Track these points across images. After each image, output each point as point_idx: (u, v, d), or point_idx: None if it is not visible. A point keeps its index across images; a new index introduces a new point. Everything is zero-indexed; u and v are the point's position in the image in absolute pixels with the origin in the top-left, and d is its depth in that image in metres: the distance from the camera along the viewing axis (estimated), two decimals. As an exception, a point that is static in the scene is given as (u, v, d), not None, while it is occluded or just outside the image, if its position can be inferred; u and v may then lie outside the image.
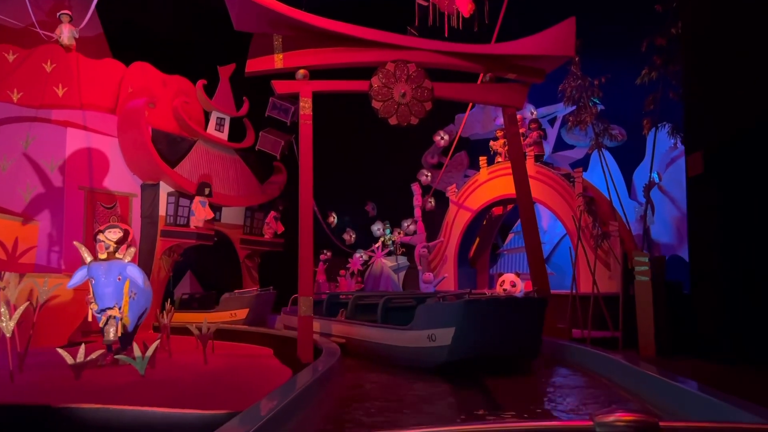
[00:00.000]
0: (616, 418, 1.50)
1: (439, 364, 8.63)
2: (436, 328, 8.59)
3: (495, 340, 8.57)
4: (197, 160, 16.29)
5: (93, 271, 9.00)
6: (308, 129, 10.43)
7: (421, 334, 8.85)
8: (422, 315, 9.06)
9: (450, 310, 8.54)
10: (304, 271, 10.27)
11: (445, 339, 8.41)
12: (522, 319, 8.83)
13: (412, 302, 10.71)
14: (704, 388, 6.34)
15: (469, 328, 8.32)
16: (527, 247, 11.59)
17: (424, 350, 8.77)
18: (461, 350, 8.43)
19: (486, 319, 8.46)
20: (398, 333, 9.47)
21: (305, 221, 10.35)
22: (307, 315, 10.15)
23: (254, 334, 13.33)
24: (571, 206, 14.87)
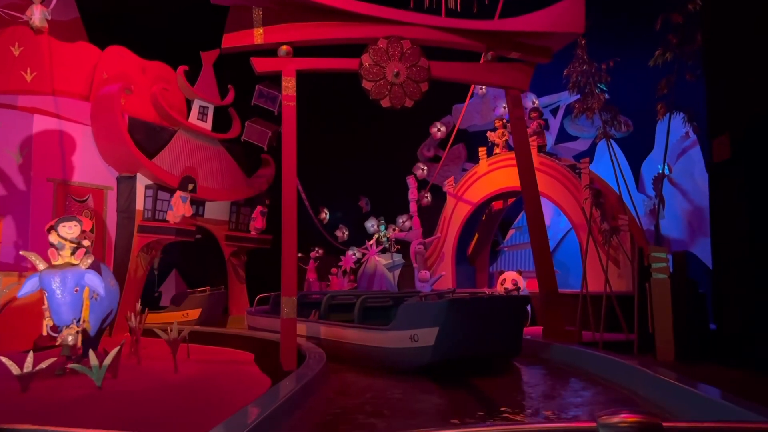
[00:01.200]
0: (620, 419, 1.49)
1: (422, 365, 8.45)
2: (418, 328, 8.42)
3: (478, 340, 8.49)
4: (178, 150, 15.27)
5: (45, 282, 7.80)
6: (291, 111, 9.44)
7: (402, 335, 8.64)
8: (404, 315, 8.82)
9: (433, 310, 8.39)
10: (288, 269, 9.28)
11: (428, 339, 8.26)
12: (504, 318, 8.79)
13: (389, 302, 10.60)
14: (734, 398, 5.67)
15: (453, 328, 8.20)
16: (533, 242, 10.63)
17: (406, 351, 8.58)
18: (445, 351, 8.29)
19: (470, 318, 8.36)
20: (378, 334, 9.16)
21: (288, 215, 9.36)
22: (290, 317, 9.16)
23: (235, 337, 12.36)
24: (578, 199, 13.91)
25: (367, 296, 10.74)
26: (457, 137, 19.84)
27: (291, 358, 9.04)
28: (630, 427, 1.48)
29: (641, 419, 1.48)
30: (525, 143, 10.68)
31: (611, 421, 1.49)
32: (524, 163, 10.58)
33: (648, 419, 1.48)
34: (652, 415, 1.50)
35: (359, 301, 10.34)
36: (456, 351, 8.42)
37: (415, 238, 16.30)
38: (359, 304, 10.27)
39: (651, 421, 1.48)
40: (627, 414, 1.50)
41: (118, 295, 9.35)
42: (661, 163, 15.34)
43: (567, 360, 9.43)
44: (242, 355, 10.71)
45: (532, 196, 10.53)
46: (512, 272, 14.58)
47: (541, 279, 10.41)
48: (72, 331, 7.81)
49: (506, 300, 9.23)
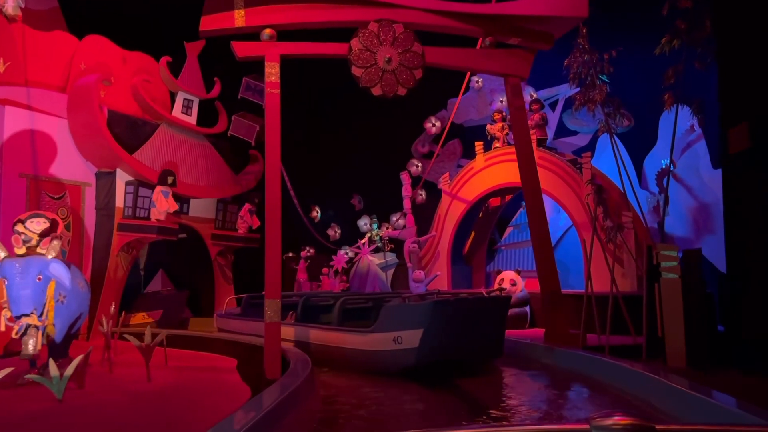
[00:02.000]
0: (613, 421, 1.49)
1: (406, 368, 8.31)
2: (402, 330, 8.27)
3: (463, 342, 8.41)
4: (160, 145, 14.57)
5: (6, 270, 7.24)
6: (275, 100, 8.78)
7: (385, 337, 8.48)
8: (387, 317, 8.64)
9: (418, 311, 8.28)
10: (271, 269, 8.62)
11: (413, 341, 8.14)
12: (489, 319, 8.70)
13: (369, 304, 10.52)
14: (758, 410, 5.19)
15: (438, 330, 8.08)
16: (534, 240, 9.99)
17: (390, 353, 8.43)
18: (429, 352, 8.16)
19: (454, 319, 8.26)
20: (360, 336, 8.94)
21: (272, 211, 8.70)
22: (274, 322, 8.49)
23: (220, 341, 11.68)
24: (579, 195, 13.31)
25: (346, 298, 10.51)
26: (453, 133, 19.25)
27: (275, 365, 8.38)
28: (623, 430, 1.46)
29: (634, 422, 1.46)
30: (525, 134, 10.04)
31: (604, 424, 1.48)
32: (525, 156, 9.94)
33: (641, 421, 1.47)
34: (645, 418, 1.48)
35: (339, 303, 10.06)
36: (440, 353, 8.28)
37: (409, 237, 15.65)
38: (339, 306, 9.99)
39: (644, 424, 1.46)
40: (620, 416, 1.48)
41: (88, 297, 8.65)
42: (665, 158, 14.76)
43: (571, 366, 8.79)
44: (224, 362, 10.05)
45: (533, 191, 9.90)
46: (510, 272, 13.99)
47: (543, 279, 9.77)
48: (32, 320, 7.14)
49: (490, 300, 9.00)
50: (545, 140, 14.90)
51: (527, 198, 10.05)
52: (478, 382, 8.24)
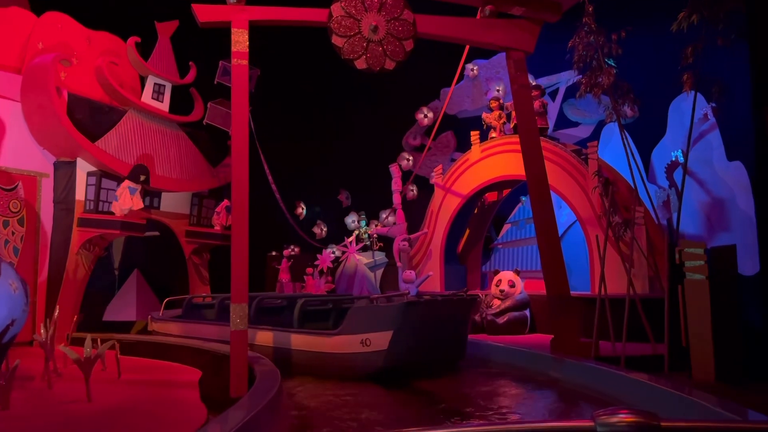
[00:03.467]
0: (618, 418, 1.47)
1: (374, 371, 8.17)
2: (370, 332, 8.14)
3: (431, 344, 8.38)
4: (128, 133, 13.33)
5: None
6: (243, 72, 7.59)
7: (352, 339, 8.32)
8: (354, 318, 8.47)
9: (387, 313, 8.21)
10: (238, 269, 7.44)
11: (381, 343, 8.06)
12: (455, 321, 8.79)
13: (329, 305, 10.51)
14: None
15: (408, 332, 8.03)
16: (540, 236, 8.86)
17: (357, 356, 8.28)
18: (398, 355, 8.08)
19: (424, 321, 8.24)
20: (325, 338, 8.69)
21: (239, 203, 7.52)
22: (241, 329, 7.29)
23: (187, 349, 10.45)
24: (584, 189, 12.19)
25: (306, 299, 10.29)
26: (446, 124, 18.17)
27: (241, 381, 7.21)
28: (628, 426, 1.44)
29: (639, 418, 1.44)
30: (530, 117, 8.90)
31: (609, 420, 1.45)
32: (530, 141, 8.79)
33: (646, 418, 1.44)
34: (650, 414, 1.45)
35: (299, 305, 9.68)
36: (409, 355, 8.21)
37: (399, 234, 14.48)
38: (299, 308, 9.62)
39: (649, 420, 1.44)
40: (625, 413, 1.46)
41: (22, 302, 7.39)
42: (676, 149, 13.68)
43: (583, 380, 7.65)
44: (187, 374, 8.85)
45: (539, 181, 8.75)
46: (509, 272, 12.87)
47: (549, 281, 8.63)
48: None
49: (457, 302, 8.99)
50: (546, 129, 13.78)
51: (532, 189, 8.90)
52: (477, 398, 7.10)
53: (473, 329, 12.22)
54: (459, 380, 8.54)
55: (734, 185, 13.14)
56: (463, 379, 8.58)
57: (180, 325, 11.56)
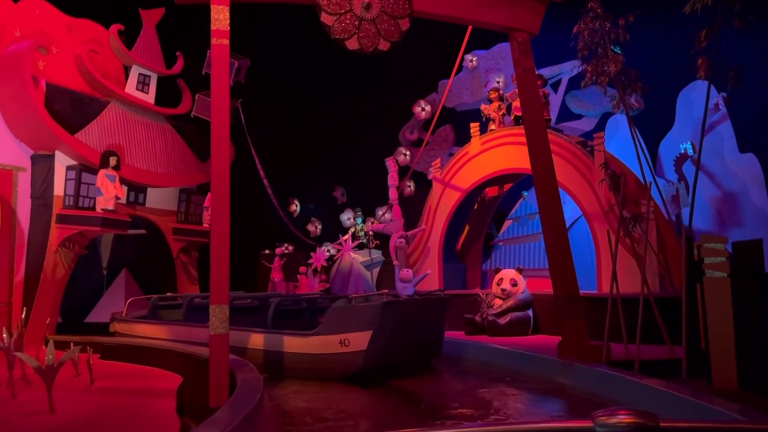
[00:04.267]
0: (617, 418, 1.47)
1: (353, 371, 8.09)
2: (349, 332, 8.08)
3: (410, 343, 8.41)
4: (110, 125, 12.70)
5: None
6: (223, 53, 6.95)
7: (331, 339, 8.25)
8: (332, 318, 8.40)
9: (366, 313, 8.16)
10: (218, 268, 6.81)
11: (360, 344, 8.01)
12: (433, 320, 8.82)
13: (303, 305, 10.37)
14: None
15: (387, 331, 8.00)
16: (547, 232, 8.26)
17: (335, 357, 8.18)
18: (377, 355, 8.02)
19: (403, 321, 8.24)
20: (302, 339, 8.54)
21: (220, 196, 6.89)
22: (221, 334, 6.66)
23: (171, 353, 9.81)
24: (590, 182, 11.58)
25: (281, 299, 10.12)
26: (444, 118, 17.59)
27: (221, 389, 6.57)
28: (627, 426, 1.43)
29: (638, 418, 1.43)
30: (535, 103, 8.27)
31: (608, 420, 1.45)
32: (535, 129, 8.17)
33: (645, 418, 1.43)
34: (649, 415, 1.45)
35: (273, 305, 9.50)
36: (389, 355, 8.18)
37: (396, 231, 13.87)
38: (273, 309, 9.44)
39: (648, 420, 1.43)
40: (624, 413, 1.46)
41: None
42: (685, 142, 13.11)
43: (594, 386, 7.02)
44: (166, 380, 8.21)
45: (546, 172, 8.14)
46: (510, 270, 12.27)
47: (557, 279, 8.01)
48: None
49: (435, 301, 9.06)
50: (549, 121, 13.16)
51: (538, 181, 8.29)
52: (480, 407, 6.49)
53: (474, 330, 11.68)
54: (459, 384, 8.05)
55: (747, 178, 12.57)
56: (464, 384, 8.01)
57: (144, 326, 11.06)
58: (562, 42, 13.11)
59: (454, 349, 10.02)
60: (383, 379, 8.05)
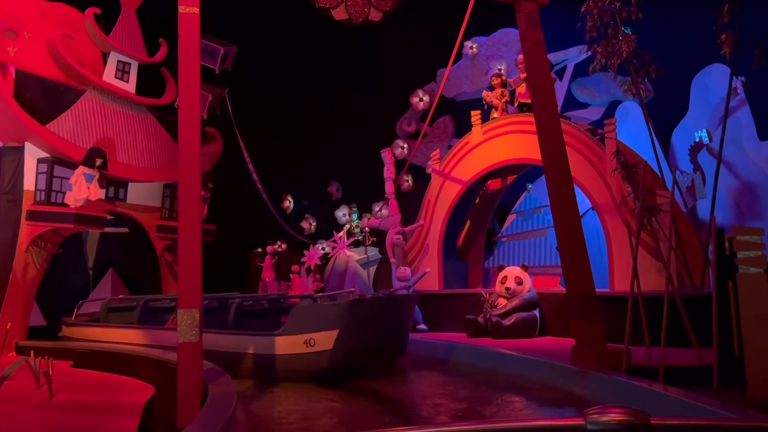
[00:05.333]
0: (608, 415, 1.48)
1: (318, 371, 7.99)
2: (315, 331, 7.99)
3: (376, 342, 8.32)
4: (86, 115, 11.88)
5: None
6: (193, 23, 6.14)
7: (296, 340, 8.13)
8: (297, 318, 8.28)
9: (332, 312, 8.19)
10: (188, 266, 6.00)
11: (326, 343, 7.95)
12: (399, 318, 8.77)
13: (264, 305, 10.32)
14: None
15: (354, 331, 7.91)
16: (559, 225, 7.46)
17: (301, 357, 8.07)
18: (344, 355, 7.95)
19: (370, 320, 8.16)
20: (265, 339, 8.36)
21: (189, 187, 6.07)
22: (192, 342, 5.84)
23: (148, 360, 9.01)
24: (601, 172, 10.78)
25: (242, 299, 9.99)
26: (443, 108, 16.78)
27: (191, 406, 5.75)
28: (618, 424, 1.45)
29: (629, 415, 1.45)
30: (544, 80, 7.45)
31: (600, 419, 1.46)
32: (544, 110, 7.35)
33: (636, 415, 1.45)
34: (640, 412, 1.47)
35: (235, 306, 9.27)
36: (355, 355, 8.10)
37: (392, 227, 13.08)
38: (234, 309, 9.21)
39: (639, 418, 1.45)
40: (615, 411, 1.47)
41: None
42: (700, 129, 12.31)
43: (615, 398, 6.19)
44: (136, 391, 7.44)
45: (557, 159, 7.33)
46: (515, 268, 11.50)
47: (570, 277, 7.20)
48: None
49: (402, 299, 9.09)
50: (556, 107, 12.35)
51: (549, 167, 7.47)
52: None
53: (476, 332, 10.94)
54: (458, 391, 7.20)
55: (767, 167, 11.78)
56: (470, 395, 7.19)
57: (96, 329, 10.60)
58: (567, 26, 12.33)
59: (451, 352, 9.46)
60: (350, 378, 7.91)
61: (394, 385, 7.90)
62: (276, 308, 10.35)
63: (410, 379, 8.42)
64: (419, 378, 8.44)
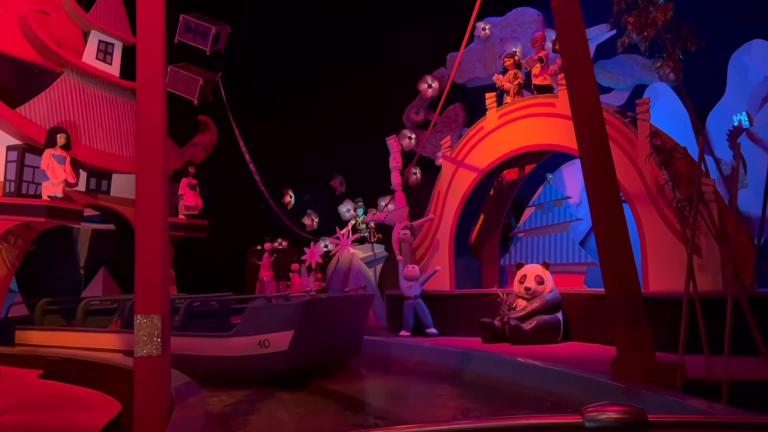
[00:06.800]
0: (605, 412, 1.51)
1: (273, 373, 7.92)
2: (269, 332, 7.93)
3: (331, 342, 8.44)
4: (62, 98, 10.88)
5: None
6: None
7: (249, 341, 8.06)
8: (251, 319, 8.22)
9: (287, 312, 8.09)
10: (146, 264, 4.92)
11: (281, 344, 7.90)
12: (354, 318, 8.82)
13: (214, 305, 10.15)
14: None
15: (309, 331, 7.91)
16: (597, 218, 6.36)
17: (255, 358, 7.99)
18: (299, 355, 7.93)
19: (325, 320, 8.25)
20: (217, 341, 8.28)
21: (149, 162, 4.99)
22: (150, 355, 4.76)
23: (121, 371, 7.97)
24: (633, 158, 9.64)
25: (191, 300, 9.70)
26: (454, 96, 15.74)
27: (156, 423, 4.67)
28: (616, 420, 1.49)
29: (627, 412, 1.49)
30: (580, 46, 6.34)
31: (597, 414, 1.51)
32: (580, 81, 6.25)
33: (634, 411, 1.49)
34: (638, 409, 1.51)
35: (184, 306, 9.02)
36: (311, 355, 8.15)
37: (399, 221, 12.00)
38: (184, 309, 8.97)
39: (636, 414, 1.49)
40: (612, 407, 1.51)
41: None
42: (739, 112, 11.13)
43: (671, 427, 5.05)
44: (100, 409, 6.40)
45: (594, 131, 6.20)
46: (535, 265, 10.42)
47: (611, 275, 6.07)
48: None
49: (357, 299, 9.02)
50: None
51: (584, 146, 6.34)
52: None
53: (492, 337, 9.89)
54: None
55: (816, 154, 10.63)
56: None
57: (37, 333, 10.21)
58: (588, 3, 11.27)
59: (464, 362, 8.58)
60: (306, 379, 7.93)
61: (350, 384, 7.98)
62: (227, 309, 10.10)
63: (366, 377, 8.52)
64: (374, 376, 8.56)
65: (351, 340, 8.91)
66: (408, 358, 9.57)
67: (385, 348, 10.16)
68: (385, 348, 10.15)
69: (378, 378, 8.80)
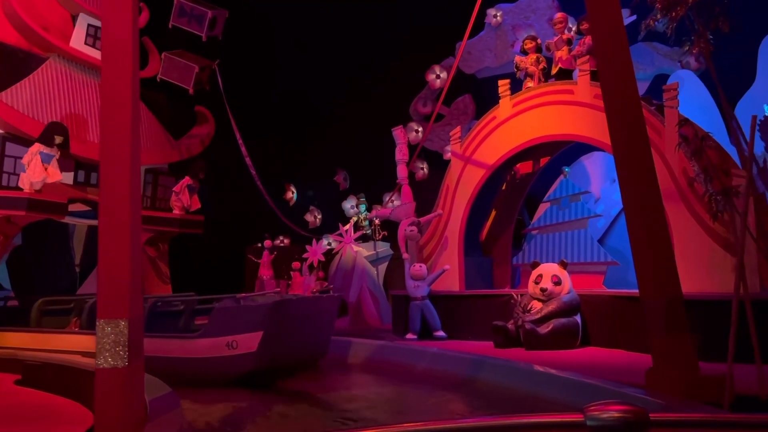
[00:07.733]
0: (607, 410, 1.50)
1: (241, 375, 7.78)
2: (237, 333, 7.82)
3: (301, 343, 8.46)
4: (47, 85, 10.30)
5: None
6: None
7: (217, 342, 7.91)
8: (218, 320, 8.09)
9: (256, 313, 7.96)
10: (111, 263, 4.24)
11: (250, 345, 7.81)
12: (323, 319, 8.83)
13: (179, 306, 10.14)
14: None
15: (278, 332, 7.87)
16: (630, 212, 5.66)
17: (223, 360, 7.86)
18: (268, 357, 7.83)
19: (295, 320, 8.24)
20: (184, 342, 8.19)
21: (116, 144, 4.33)
22: (114, 366, 4.08)
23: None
24: (660, 149, 8.92)
25: (155, 300, 9.78)
26: (463, 86, 15.13)
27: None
28: (617, 419, 1.48)
29: (628, 411, 1.48)
30: (616, 26, 5.65)
31: (598, 413, 1.50)
32: (613, 63, 5.54)
33: (635, 410, 1.49)
34: (640, 408, 1.50)
35: (147, 307, 8.86)
36: (280, 357, 8.10)
37: (405, 217, 11.34)
38: (147, 310, 8.75)
39: (638, 413, 1.48)
40: (614, 406, 1.50)
41: None
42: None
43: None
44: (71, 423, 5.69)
45: (632, 132, 5.50)
46: (552, 265, 9.76)
47: (647, 275, 5.34)
48: None
49: (326, 300, 9.08)
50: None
51: (618, 145, 5.62)
52: None
53: (505, 341, 9.26)
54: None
55: None
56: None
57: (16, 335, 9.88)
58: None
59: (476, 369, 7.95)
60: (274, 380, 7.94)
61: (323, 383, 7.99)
62: (191, 309, 9.90)
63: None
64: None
65: (319, 342, 8.91)
66: (414, 364, 8.92)
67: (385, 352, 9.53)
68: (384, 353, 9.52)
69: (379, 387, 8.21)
